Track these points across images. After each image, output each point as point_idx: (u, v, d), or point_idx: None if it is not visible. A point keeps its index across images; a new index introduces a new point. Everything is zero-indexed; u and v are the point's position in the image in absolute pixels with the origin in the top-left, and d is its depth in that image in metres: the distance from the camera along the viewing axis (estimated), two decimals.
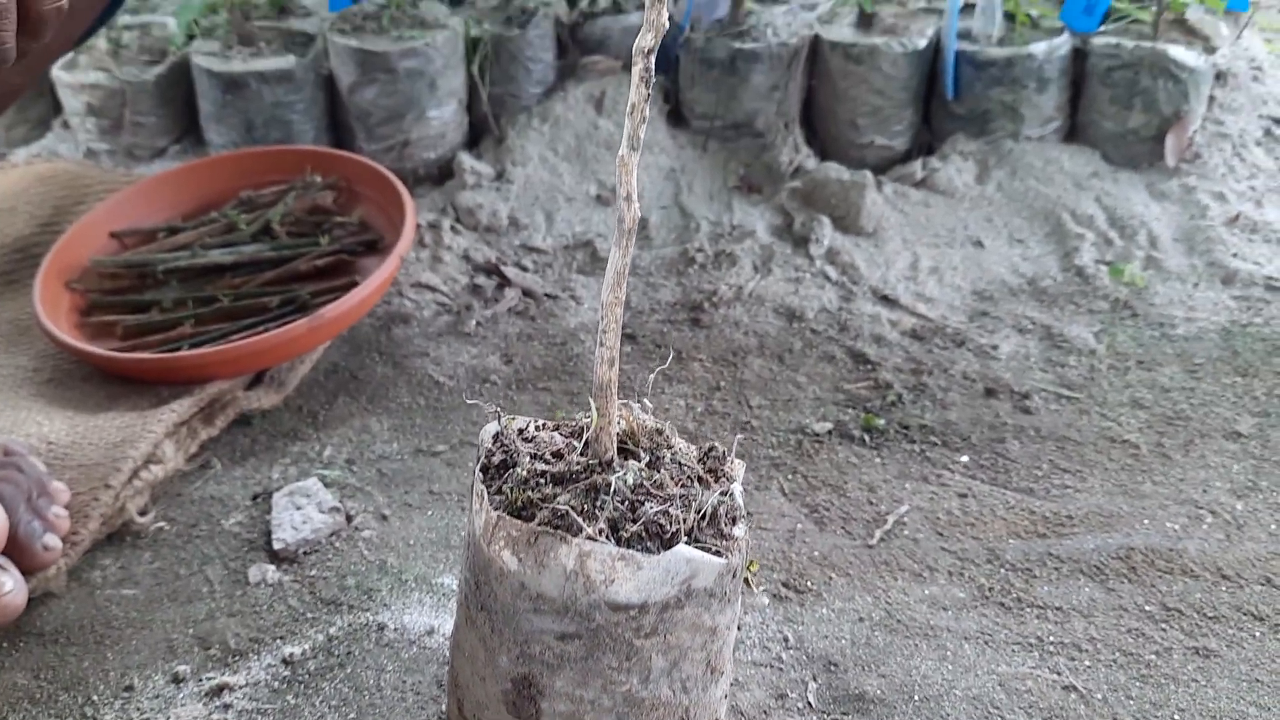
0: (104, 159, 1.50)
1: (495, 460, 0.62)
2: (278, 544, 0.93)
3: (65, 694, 0.80)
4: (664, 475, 0.60)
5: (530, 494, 0.58)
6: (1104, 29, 1.53)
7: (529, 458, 0.61)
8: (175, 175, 1.35)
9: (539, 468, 0.60)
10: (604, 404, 0.59)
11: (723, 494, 0.60)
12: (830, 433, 1.10)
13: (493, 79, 1.54)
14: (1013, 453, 1.06)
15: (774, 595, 0.89)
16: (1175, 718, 0.77)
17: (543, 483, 0.59)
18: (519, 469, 0.60)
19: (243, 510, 0.99)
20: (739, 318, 1.28)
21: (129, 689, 0.80)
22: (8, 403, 1.09)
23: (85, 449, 1.01)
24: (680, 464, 0.62)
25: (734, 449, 0.64)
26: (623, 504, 0.58)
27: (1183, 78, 1.45)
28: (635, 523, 0.57)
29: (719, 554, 0.58)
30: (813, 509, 0.99)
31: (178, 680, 0.80)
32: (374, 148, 1.49)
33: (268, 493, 1.00)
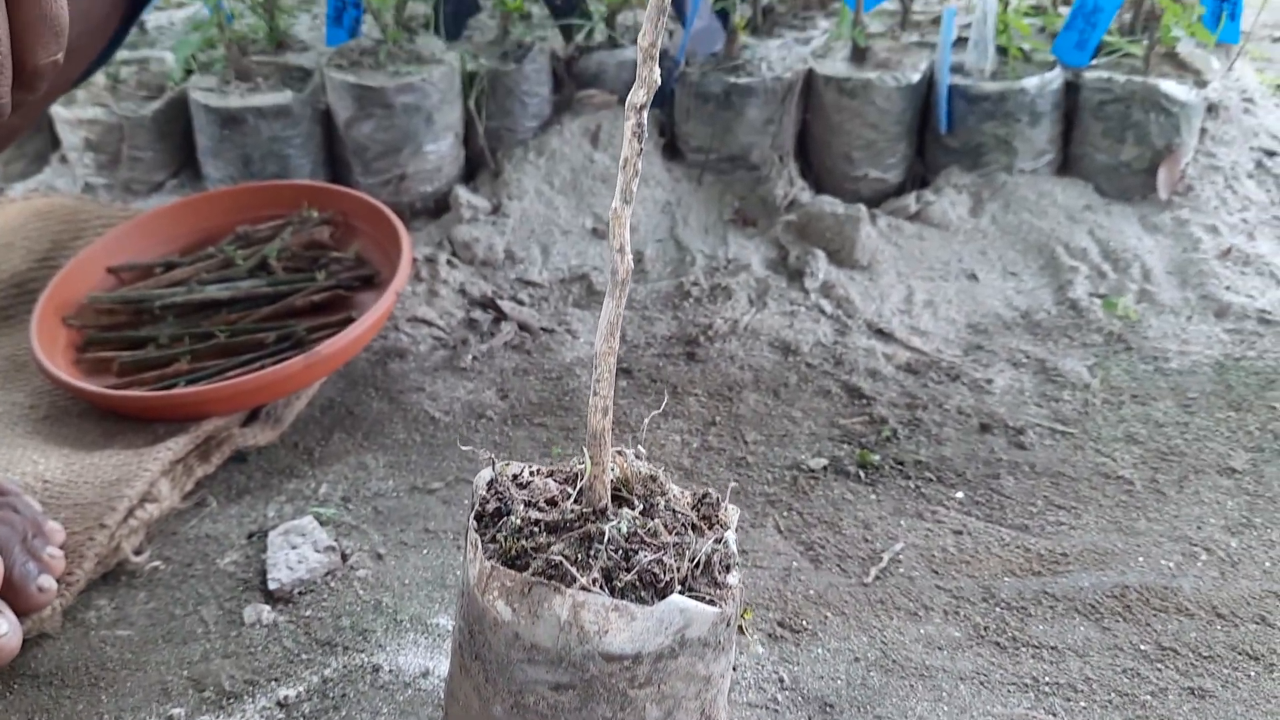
0: (101, 193, 1.51)
1: (490, 508, 0.62)
2: (273, 584, 0.93)
3: None
4: (658, 523, 0.60)
5: (524, 543, 0.59)
6: (1096, 63, 1.54)
7: (523, 505, 0.61)
8: (172, 210, 1.36)
9: (533, 515, 0.60)
10: (598, 452, 0.60)
11: (716, 541, 0.60)
12: (826, 469, 1.10)
13: (489, 113, 1.55)
14: (1007, 489, 1.06)
15: (769, 635, 0.89)
16: None
17: (537, 531, 0.59)
18: (513, 517, 0.60)
19: (238, 549, 0.99)
20: (734, 351, 1.28)
21: None
22: (4, 440, 1.09)
23: (81, 487, 1.01)
24: (674, 511, 0.62)
25: (728, 495, 0.64)
26: (617, 553, 0.58)
27: (1174, 111, 1.47)
28: (629, 572, 0.57)
29: (713, 603, 0.58)
30: (808, 546, 1.00)
31: None
32: (371, 182, 1.50)
33: (263, 531, 1.00)
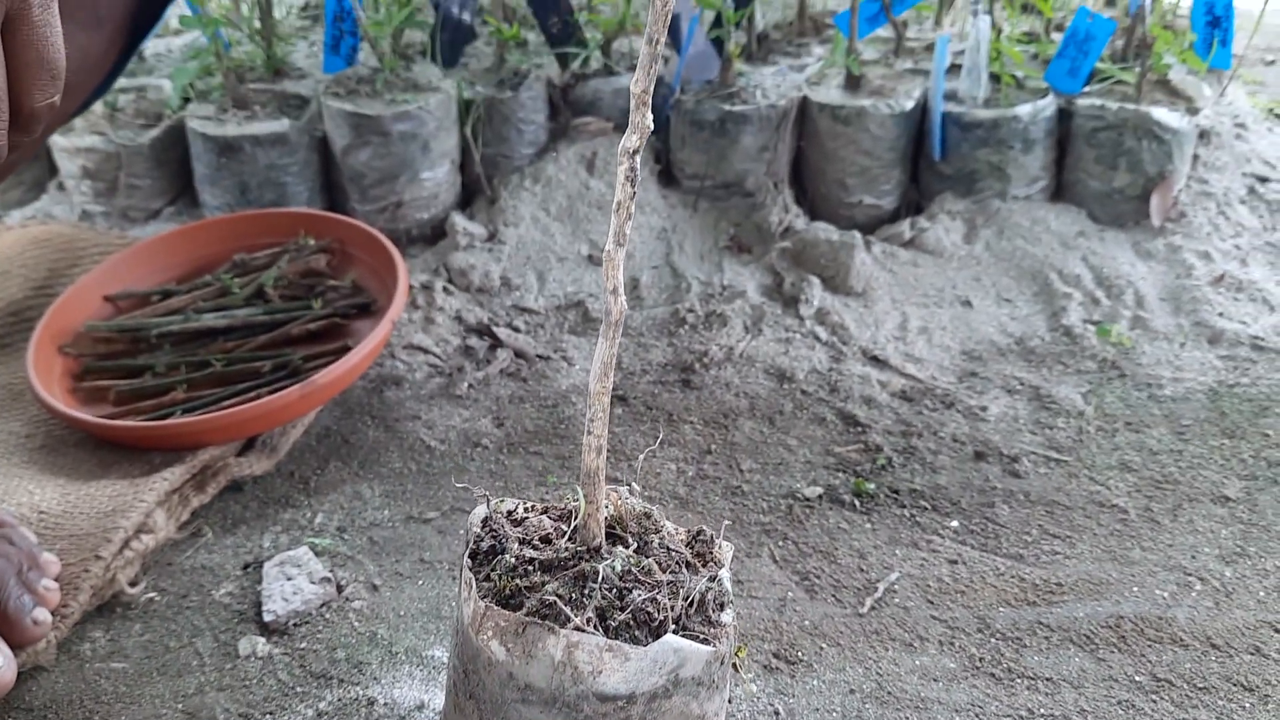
0: (99, 221, 1.52)
1: (484, 545, 0.62)
2: (268, 615, 0.93)
3: None
4: (652, 561, 0.60)
5: (518, 581, 0.59)
6: (1088, 90, 1.55)
7: (517, 543, 0.61)
8: (169, 238, 1.36)
9: (527, 554, 0.60)
10: (592, 491, 0.60)
11: (711, 579, 0.61)
12: (821, 497, 1.10)
13: (485, 140, 1.56)
14: (1002, 517, 1.07)
15: (765, 666, 0.89)
16: None
17: (531, 570, 0.59)
18: (507, 555, 0.60)
19: (233, 580, 0.99)
20: (730, 379, 1.29)
21: None
22: (0, 470, 1.09)
23: (76, 518, 1.01)
24: (668, 549, 0.62)
25: (722, 531, 0.64)
26: (611, 591, 0.58)
27: (1166, 138, 1.48)
28: (623, 611, 0.57)
29: (707, 642, 0.58)
30: (803, 576, 1.00)
31: None
32: (367, 209, 1.50)
33: (259, 562, 1.00)
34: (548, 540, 0.62)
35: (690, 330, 1.37)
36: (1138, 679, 0.87)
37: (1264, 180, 1.62)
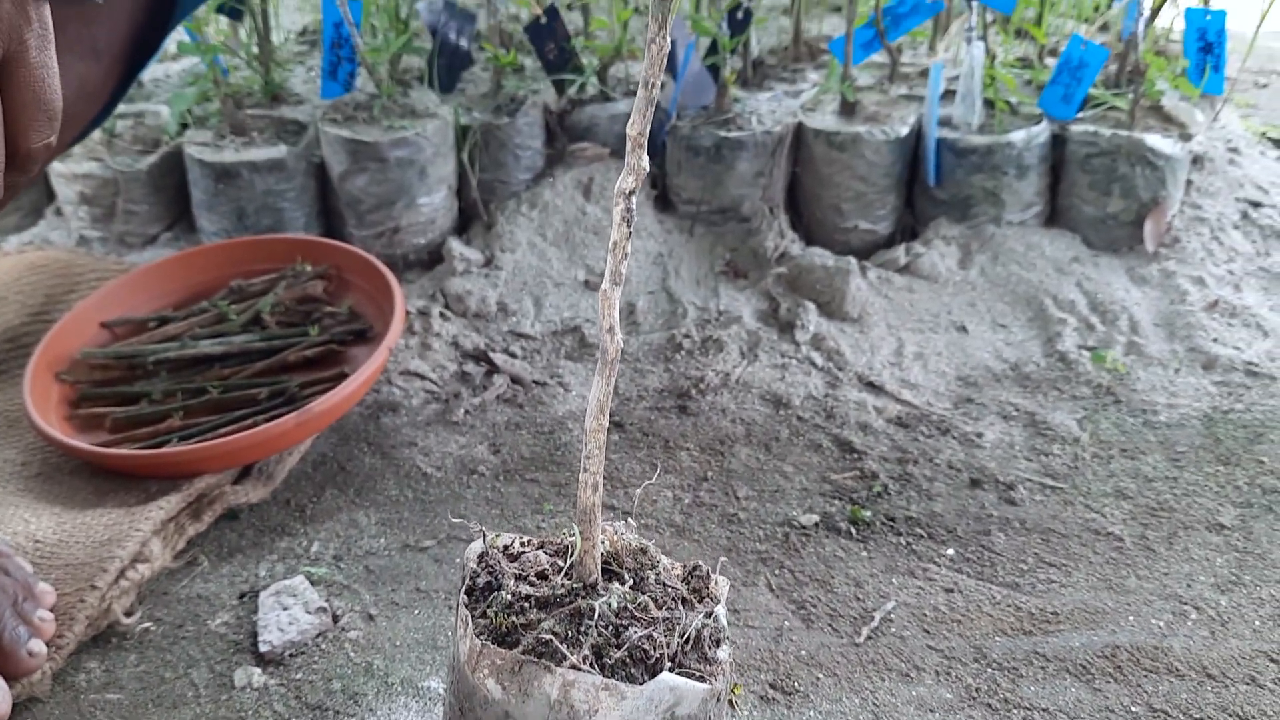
0: (96, 246, 1.52)
1: (480, 581, 0.62)
2: (264, 646, 0.93)
3: None
4: (648, 598, 0.60)
5: (514, 619, 0.59)
6: (1082, 116, 1.56)
7: (513, 579, 0.61)
8: (166, 265, 1.37)
9: (523, 590, 0.60)
10: (588, 527, 0.60)
11: (707, 615, 0.61)
12: (817, 525, 1.10)
13: (482, 166, 1.56)
14: (998, 545, 1.07)
15: (761, 697, 0.89)
16: None
17: (527, 607, 0.60)
18: (503, 592, 0.60)
19: (229, 610, 0.99)
20: (726, 405, 1.29)
21: None
22: None
23: (72, 548, 1.01)
24: (664, 584, 0.62)
25: (718, 566, 0.64)
26: (607, 629, 0.58)
27: (1159, 165, 1.48)
28: (619, 648, 0.57)
29: (703, 679, 0.58)
30: (800, 605, 1.00)
31: None
32: (364, 234, 1.51)
33: (254, 591, 1.00)
34: (544, 576, 0.62)
35: (686, 356, 1.38)
36: (1134, 709, 0.87)
37: (1257, 205, 1.62)
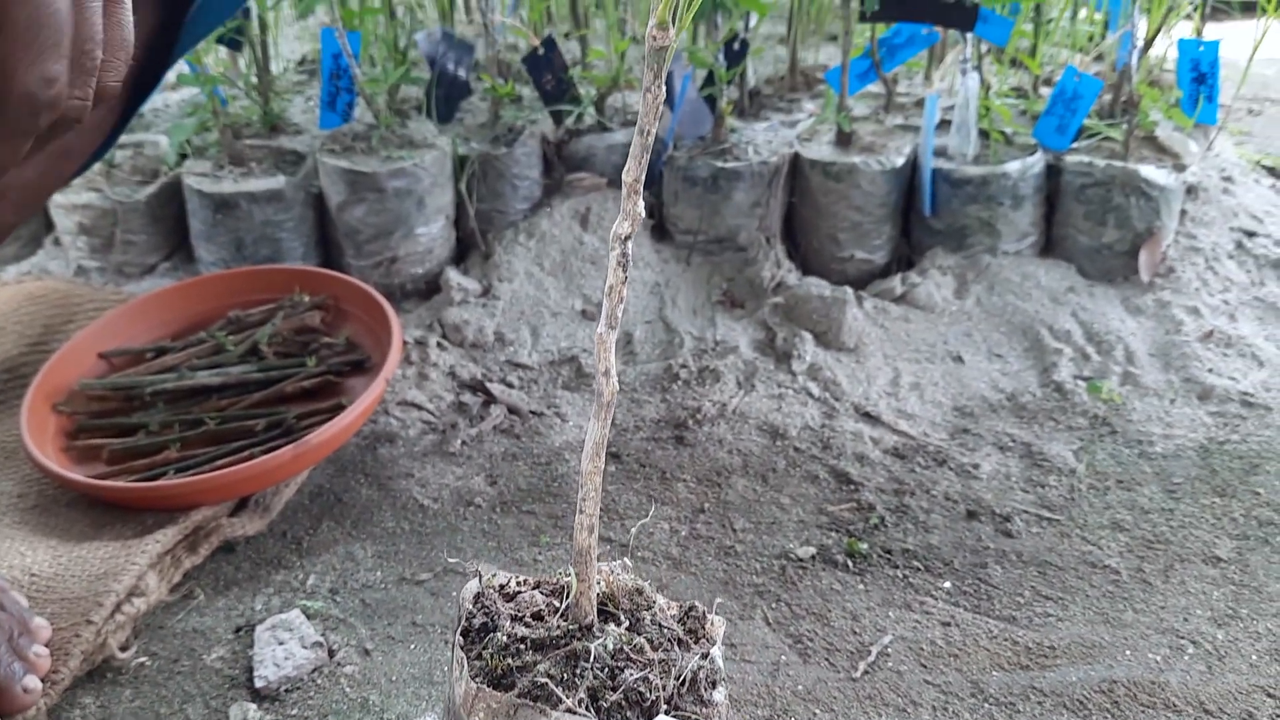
0: (94, 276, 1.52)
1: (476, 623, 0.62)
2: (259, 681, 0.92)
3: None
4: (643, 640, 0.60)
5: (510, 661, 0.59)
6: (1076, 146, 1.57)
7: (509, 620, 0.61)
8: (164, 295, 1.37)
9: (519, 632, 0.60)
10: (583, 569, 0.60)
11: (702, 657, 0.61)
12: (814, 557, 1.10)
13: (480, 195, 1.57)
14: (995, 578, 1.07)
15: None
16: None
17: (523, 649, 0.60)
18: (499, 633, 0.60)
19: (225, 644, 0.98)
20: (723, 435, 1.29)
21: None
22: None
23: (68, 581, 1.00)
24: (660, 625, 0.62)
25: (714, 607, 0.64)
26: (603, 671, 0.58)
27: (1154, 195, 1.49)
28: (615, 691, 0.57)
29: None
30: (796, 639, 0.99)
31: None
32: (362, 264, 1.51)
33: (250, 625, 1.00)
34: (539, 617, 0.62)
35: (683, 386, 1.38)
36: None
37: (1251, 235, 1.63)
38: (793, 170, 1.58)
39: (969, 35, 1.53)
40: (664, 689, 0.58)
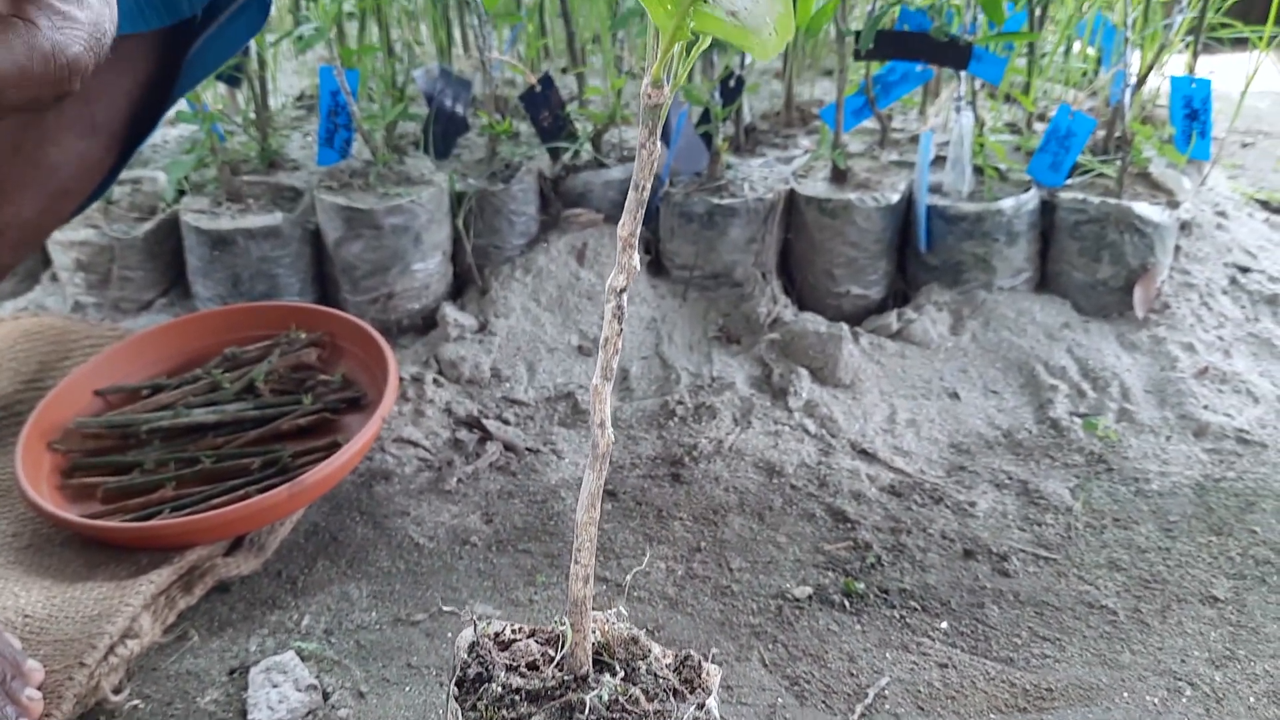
0: (91, 312, 1.52)
1: (471, 673, 0.62)
2: None
3: None
4: (638, 690, 0.60)
5: (505, 712, 0.59)
6: (1070, 182, 1.58)
7: (504, 670, 0.61)
8: (160, 332, 1.37)
9: (514, 682, 0.60)
10: (579, 619, 0.60)
11: (698, 708, 0.60)
12: (811, 598, 1.10)
13: (477, 231, 1.58)
14: (992, 619, 1.06)
15: None
16: None
17: (518, 699, 0.59)
18: (494, 684, 0.60)
19: (219, 686, 0.98)
20: (719, 473, 1.29)
21: None
22: None
23: (61, 623, 1.00)
24: (655, 675, 0.62)
25: (711, 656, 0.64)
26: None
27: (1148, 232, 1.50)
28: None
29: None
30: (793, 681, 0.99)
31: None
32: (359, 299, 1.51)
33: (245, 667, 1.00)
34: (535, 667, 0.62)
35: (680, 422, 1.38)
36: None
37: (1245, 270, 1.64)
38: (788, 206, 1.59)
39: (963, 73, 1.54)
40: None
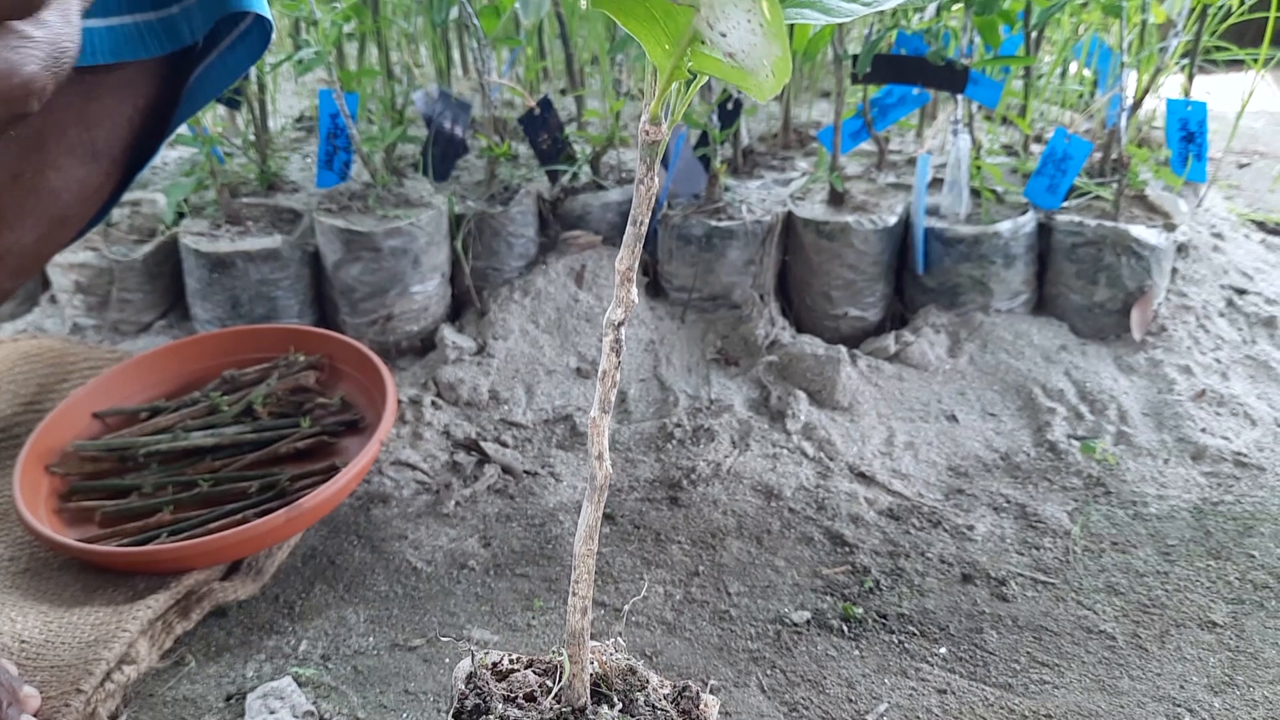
0: (90, 334, 1.53)
1: (468, 704, 0.62)
2: None
3: None
4: None
5: None
6: (1067, 205, 1.59)
7: (501, 701, 0.61)
8: (159, 355, 1.37)
9: (511, 714, 0.60)
10: (576, 651, 0.60)
11: None
12: (809, 622, 1.10)
13: (476, 253, 1.58)
14: (991, 644, 1.06)
15: None
16: None
17: None
18: (491, 716, 0.60)
19: (216, 712, 0.98)
20: (717, 496, 1.29)
21: None
22: None
23: (58, 648, 1.00)
24: (654, 706, 0.62)
25: (709, 687, 0.64)
26: None
27: (1145, 255, 1.50)
28: None
29: None
30: (792, 707, 0.99)
31: None
32: (358, 321, 1.52)
33: (242, 693, 0.99)
34: (532, 698, 0.62)
35: (678, 445, 1.38)
36: None
37: (1242, 292, 1.64)
38: (786, 229, 1.59)
39: (959, 97, 1.55)
40: None
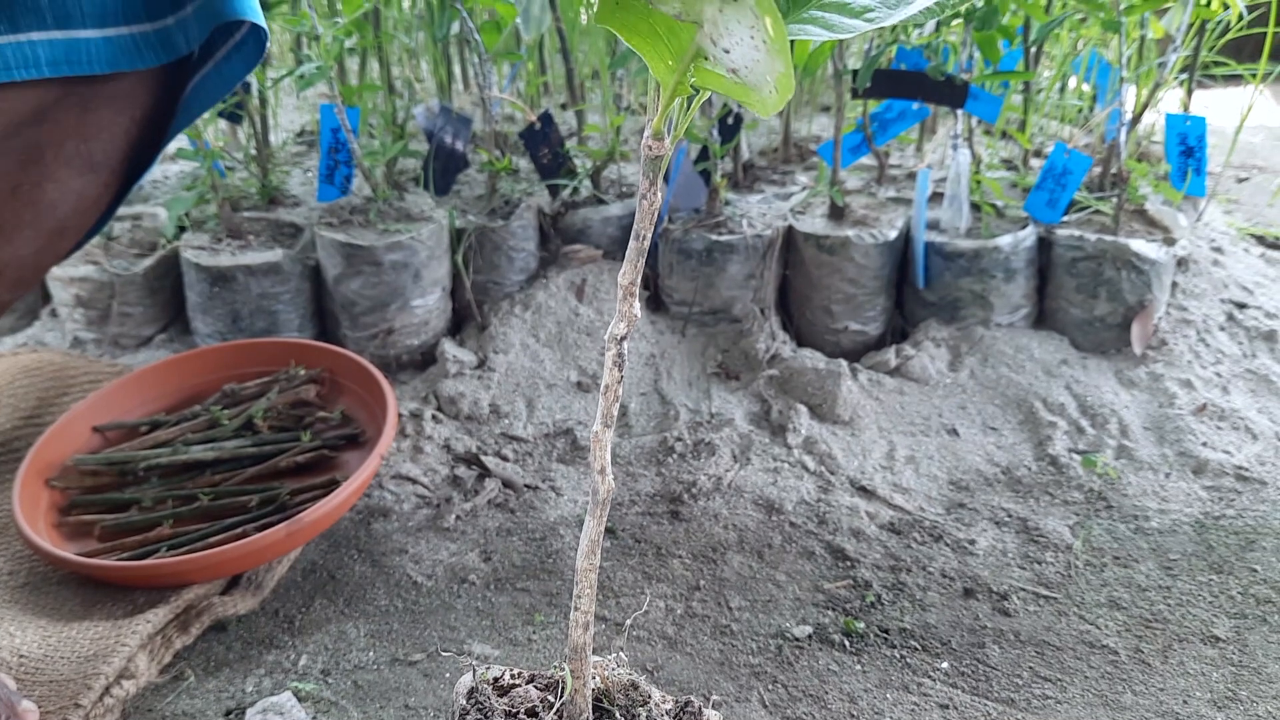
0: (90, 348, 1.52)
1: None
2: None
3: None
4: None
5: None
6: (1067, 219, 1.59)
7: (503, 717, 0.61)
8: (159, 368, 1.37)
9: None
10: (578, 666, 0.60)
11: None
12: (810, 637, 1.09)
13: (476, 267, 1.58)
14: (993, 659, 1.06)
15: None
16: None
17: None
18: None
19: None
20: (718, 510, 1.29)
21: None
22: None
23: (57, 663, 0.99)
24: None
25: (710, 703, 0.64)
26: None
27: (1145, 269, 1.50)
28: None
29: None
30: None
31: None
32: (358, 335, 1.52)
33: (241, 708, 0.99)
34: (534, 714, 0.62)
35: (679, 459, 1.38)
36: None
37: (1242, 306, 1.64)
38: (787, 243, 1.59)
39: (959, 112, 1.55)
40: None
